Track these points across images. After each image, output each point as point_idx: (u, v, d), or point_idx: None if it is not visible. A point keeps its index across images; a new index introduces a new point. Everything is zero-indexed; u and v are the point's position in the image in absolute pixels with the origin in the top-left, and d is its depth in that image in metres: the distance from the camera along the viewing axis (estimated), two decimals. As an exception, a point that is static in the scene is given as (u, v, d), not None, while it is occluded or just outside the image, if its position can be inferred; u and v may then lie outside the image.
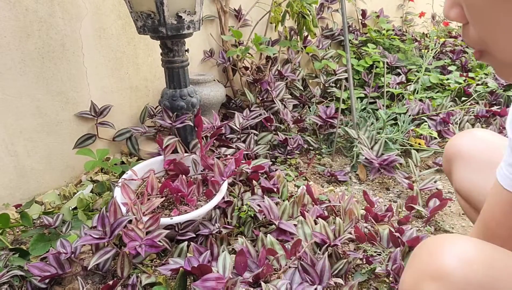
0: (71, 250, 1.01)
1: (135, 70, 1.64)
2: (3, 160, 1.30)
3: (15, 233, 1.24)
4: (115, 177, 1.46)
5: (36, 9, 1.28)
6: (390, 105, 2.10)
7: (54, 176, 1.45)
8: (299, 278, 0.95)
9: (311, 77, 2.30)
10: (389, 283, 1.03)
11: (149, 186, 1.22)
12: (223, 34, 1.89)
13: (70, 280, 1.02)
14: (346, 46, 1.72)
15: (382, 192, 1.53)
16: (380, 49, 2.51)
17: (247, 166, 1.37)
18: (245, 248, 1.04)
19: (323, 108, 1.83)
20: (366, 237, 1.11)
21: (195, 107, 1.43)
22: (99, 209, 1.30)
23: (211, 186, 1.24)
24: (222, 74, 2.04)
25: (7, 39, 1.24)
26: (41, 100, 1.35)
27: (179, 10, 1.20)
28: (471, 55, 2.60)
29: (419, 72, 2.25)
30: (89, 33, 1.45)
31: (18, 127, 1.32)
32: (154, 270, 1.08)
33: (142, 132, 1.55)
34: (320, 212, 1.22)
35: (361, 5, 2.69)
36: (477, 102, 2.11)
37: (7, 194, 1.34)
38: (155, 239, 0.99)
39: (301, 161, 1.68)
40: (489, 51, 0.38)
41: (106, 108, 1.53)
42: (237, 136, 1.65)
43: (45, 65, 1.34)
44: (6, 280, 0.97)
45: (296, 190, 1.46)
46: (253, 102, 1.86)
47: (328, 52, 2.28)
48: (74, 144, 1.48)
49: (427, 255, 0.48)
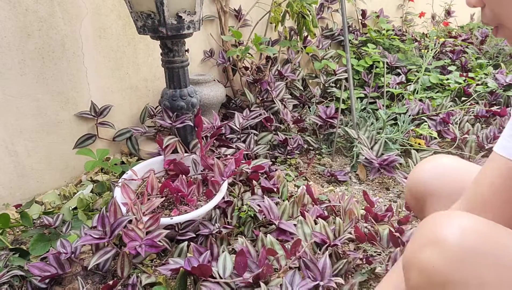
0: (71, 250, 1.01)
1: (135, 70, 1.64)
2: (3, 160, 1.30)
3: (15, 233, 1.24)
4: (115, 177, 1.46)
5: (36, 9, 1.29)
6: (390, 105, 2.10)
7: (54, 176, 1.45)
8: (299, 278, 0.95)
9: (311, 77, 2.30)
10: (389, 283, 1.03)
11: (149, 186, 1.22)
12: (223, 34, 1.89)
13: (70, 280, 1.02)
14: (346, 46, 1.73)
15: (382, 192, 1.53)
16: (380, 49, 2.51)
17: (247, 166, 1.37)
18: (245, 248, 1.04)
19: (323, 108, 1.83)
20: (366, 237, 1.11)
21: (195, 107, 1.43)
22: (99, 209, 1.30)
23: (211, 186, 1.24)
24: (222, 74, 2.04)
25: (7, 39, 1.24)
26: (41, 100, 1.35)
27: (179, 10, 1.20)
28: (471, 55, 2.61)
29: (419, 72, 2.25)
30: (89, 33, 1.45)
31: (18, 127, 1.32)
32: (154, 270, 1.08)
33: (142, 132, 1.55)
34: (320, 212, 1.22)
35: (361, 5, 2.69)
36: (477, 102, 2.11)
37: (7, 194, 1.34)
38: (155, 239, 0.99)
39: (301, 161, 1.68)
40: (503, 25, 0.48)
41: (106, 108, 1.53)
42: (237, 136, 1.65)
43: (45, 65, 1.34)
44: (6, 280, 0.97)
45: (296, 190, 1.46)
46: (253, 102, 1.86)
47: (328, 52, 2.28)
48: (74, 144, 1.48)
49: (427, 226, 0.53)
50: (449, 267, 0.48)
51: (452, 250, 0.48)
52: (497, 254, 0.48)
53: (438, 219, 0.52)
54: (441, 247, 0.49)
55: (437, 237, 0.50)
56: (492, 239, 0.49)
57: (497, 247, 0.48)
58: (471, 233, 0.49)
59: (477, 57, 2.61)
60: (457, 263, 0.48)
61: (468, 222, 0.50)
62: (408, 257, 0.54)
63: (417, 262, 0.51)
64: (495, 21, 0.49)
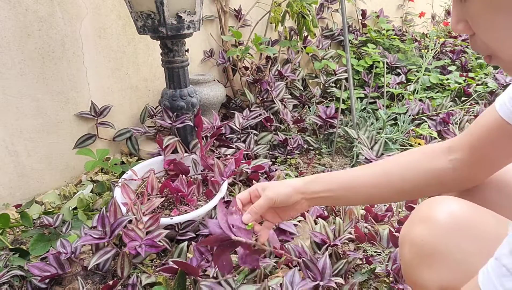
0: (71, 250, 1.01)
1: (135, 70, 1.64)
2: (3, 160, 1.30)
3: (15, 233, 1.24)
4: (115, 177, 1.46)
5: (36, 9, 1.29)
6: (390, 105, 2.10)
7: (54, 176, 1.45)
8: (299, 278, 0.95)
9: (311, 77, 2.30)
10: (389, 283, 1.03)
11: (149, 186, 1.22)
12: (223, 34, 1.89)
13: (70, 280, 1.02)
14: (346, 46, 1.73)
15: (382, 192, 1.53)
16: (380, 49, 2.51)
17: (247, 166, 1.37)
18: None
19: (323, 108, 1.83)
20: (366, 237, 1.11)
21: (195, 107, 1.43)
22: (99, 209, 1.30)
23: (211, 186, 1.24)
24: (222, 74, 2.04)
25: (7, 39, 1.24)
26: (41, 100, 1.35)
27: (179, 10, 1.20)
28: (471, 55, 2.61)
29: (419, 72, 2.25)
30: (89, 33, 1.45)
31: (18, 127, 1.32)
32: (154, 270, 1.08)
33: (142, 132, 1.55)
34: (320, 212, 1.22)
35: (361, 5, 2.69)
36: (477, 102, 2.11)
37: (7, 194, 1.34)
38: (155, 239, 0.99)
39: (301, 161, 1.68)
40: (496, 55, 0.44)
41: (106, 108, 1.53)
42: (237, 136, 1.65)
43: (45, 65, 1.34)
44: (6, 280, 0.97)
45: (296, 190, 1.45)
46: (253, 102, 1.86)
47: (328, 52, 2.28)
48: (74, 144, 1.48)
49: (419, 208, 0.60)
50: (435, 239, 0.54)
51: (439, 225, 0.55)
52: (478, 228, 0.54)
53: (429, 202, 0.59)
54: (430, 223, 0.55)
55: (427, 216, 0.57)
56: (474, 217, 0.55)
57: (478, 223, 0.54)
58: (457, 211, 0.55)
59: (477, 57, 2.61)
60: (442, 236, 0.54)
61: (456, 204, 0.56)
62: (402, 235, 0.61)
63: (409, 238, 0.58)
64: (487, 51, 0.44)
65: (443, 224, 0.54)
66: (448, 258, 0.53)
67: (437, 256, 0.54)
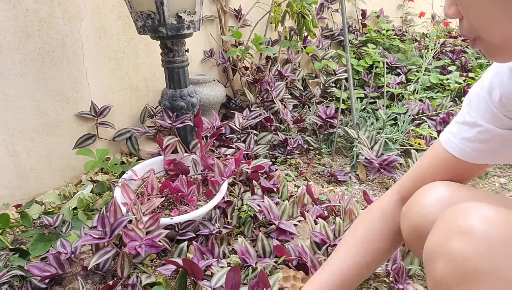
0: (71, 250, 1.01)
1: (135, 70, 1.64)
2: (3, 160, 1.30)
3: (15, 233, 1.24)
4: (115, 177, 1.46)
5: (36, 9, 1.29)
6: (390, 105, 2.10)
7: (54, 176, 1.45)
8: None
9: (311, 77, 2.30)
10: (389, 283, 1.03)
11: (149, 186, 1.22)
12: (223, 34, 1.89)
13: (70, 280, 1.02)
14: (346, 46, 1.73)
15: (382, 192, 1.53)
16: (380, 49, 2.51)
17: (247, 166, 1.37)
18: (243, 248, 1.04)
19: (323, 108, 1.83)
20: (366, 237, 1.11)
21: (195, 107, 1.43)
22: (99, 209, 1.30)
23: (211, 186, 1.24)
24: (222, 74, 2.04)
25: (7, 39, 1.24)
26: (41, 100, 1.35)
27: (179, 10, 1.20)
28: (471, 55, 2.61)
29: (419, 72, 2.25)
30: (89, 33, 1.45)
31: (18, 127, 1.32)
32: (154, 270, 1.08)
33: (142, 132, 1.55)
34: (320, 212, 1.22)
35: (361, 5, 2.69)
36: (477, 102, 2.10)
37: (7, 194, 1.34)
38: (155, 239, 0.99)
39: (301, 161, 1.68)
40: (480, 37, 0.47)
41: (106, 108, 1.53)
42: (237, 136, 1.65)
43: (45, 65, 1.34)
44: (6, 280, 0.97)
45: (296, 190, 1.46)
46: (253, 102, 1.86)
47: (328, 52, 2.28)
48: (74, 144, 1.48)
49: (453, 217, 0.53)
50: (480, 257, 0.47)
51: (483, 239, 0.48)
52: None
53: (463, 209, 0.52)
54: (471, 236, 0.49)
55: (467, 226, 0.50)
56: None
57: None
58: (496, 222, 0.49)
59: (477, 57, 2.61)
60: (488, 252, 0.47)
61: (490, 211, 0.50)
62: (432, 246, 0.53)
63: (445, 252, 0.51)
64: (473, 34, 0.48)
65: (487, 238, 0.48)
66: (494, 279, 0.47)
67: (482, 276, 0.47)
